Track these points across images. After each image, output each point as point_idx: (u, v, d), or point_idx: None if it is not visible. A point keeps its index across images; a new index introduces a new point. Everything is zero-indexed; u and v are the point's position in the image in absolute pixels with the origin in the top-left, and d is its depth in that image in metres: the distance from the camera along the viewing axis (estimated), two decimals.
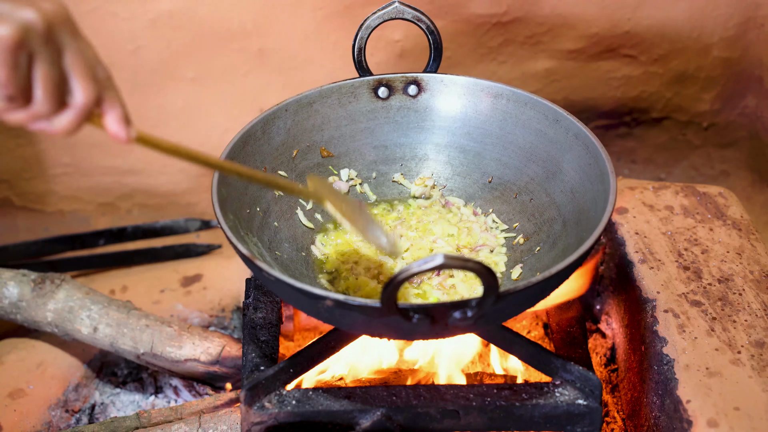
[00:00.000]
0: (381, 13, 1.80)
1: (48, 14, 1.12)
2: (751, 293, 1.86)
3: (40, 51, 1.11)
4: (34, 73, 1.12)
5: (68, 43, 1.14)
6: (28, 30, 1.10)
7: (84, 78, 1.15)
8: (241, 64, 2.42)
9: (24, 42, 1.10)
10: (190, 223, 2.51)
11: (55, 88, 1.13)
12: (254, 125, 1.75)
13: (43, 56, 1.12)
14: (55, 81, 1.13)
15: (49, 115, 1.15)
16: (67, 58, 1.14)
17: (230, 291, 2.29)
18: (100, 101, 1.18)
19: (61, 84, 1.14)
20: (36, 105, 1.13)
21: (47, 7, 1.12)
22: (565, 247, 1.67)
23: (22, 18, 1.09)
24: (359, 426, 1.57)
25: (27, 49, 1.10)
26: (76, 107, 1.16)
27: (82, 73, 1.15)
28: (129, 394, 2.13)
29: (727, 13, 2.52)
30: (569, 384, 1.61)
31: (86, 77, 1.15)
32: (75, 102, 1.15)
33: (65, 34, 1.14)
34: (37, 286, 2.02)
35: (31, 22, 1.10)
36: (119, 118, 1.19)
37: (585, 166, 1.69)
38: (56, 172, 2.51)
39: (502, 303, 1.40)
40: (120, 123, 1.19)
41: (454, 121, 1.88)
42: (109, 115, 1.19)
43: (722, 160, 2.77)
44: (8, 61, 1.09)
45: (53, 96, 1.14)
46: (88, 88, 1.15)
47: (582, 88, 2.62)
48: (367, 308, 1.40)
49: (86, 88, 1.15)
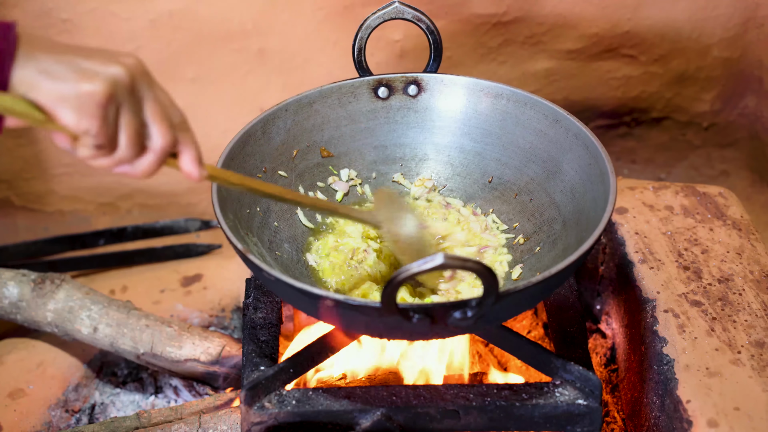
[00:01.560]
0: (381, 13, 1.80)
1: (131, 68, 1.22)
2: (751, 293, 1.86)
3: (125, 103, 1.22)
4: (120, 123, 1.22)
5: (147, 94, 1.25)
6: (116, 85, 1.20)
7: (161, 125, 1.26)
8: (241, 64, 2.42)
9: (113, 96, 1.20)
10: (190, 223, 2.51)
11: (137, 136, 1.24)
12: (254, 125, 1.75)
13: (128, 107, 1.22)
14: (138, 130, 1.24)
15: (131, 160, 1.25)
16: (146, 107, 1.25)
17: (230, 291, 2.29)
18: (175, 144, 1.29)
19: (142, 132, 1.25)
20: (120, 152, 1.24)
21: (129, 62, 1.23)
22: (565, 247, 1.67)
23: (111, 74, 1.20)
24: (359, 426, 1.57)
25: (115, 103, 1.20)
26: (155, 151, 1.27)
27: (160, 120, 1.26)
28: (129, 394, 2.13)
29: (727, 13, 2.52)
30: (569, 384, 1.61)
31: (163, 124, 1.26)
32: (154, 146, 1.26)
33: (144, 85, 1.24)
34: (37, 286, 2.02)
35: (118, 77, 1.20)
36: (193, 159, 1.32)
37: (585, 166, 1.69)
38: (56, 172, 2.51)
39: (502, 303, 1.40)
40: (193, 163, 1.32)
41: (454, 121, 1.88)
42: (184, 156, 1.31)
43: (722, 160, 2.77)
44: (100, 115, 1.19)
45: (136, 143, 1.24)
46: (166, 134, 1.26)
47: (582, 88, 2.62)
48: (367, 308, 1.40)
49: (164, 134, 1.26)
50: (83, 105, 1.18)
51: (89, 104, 1.18)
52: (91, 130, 1.19)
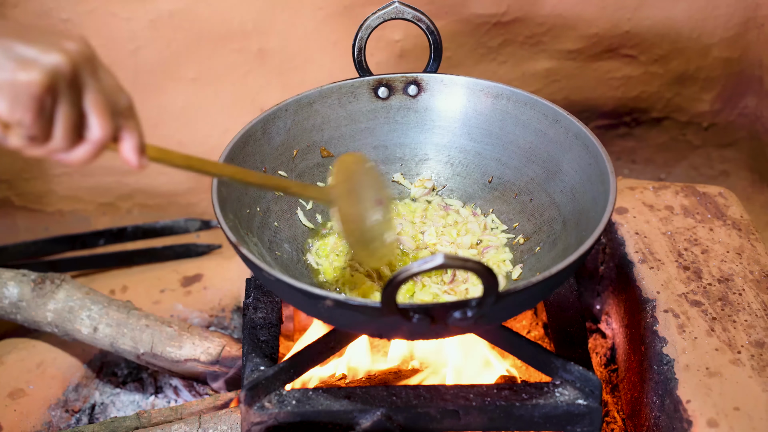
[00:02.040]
0: (381, 13, 1.80)
1: (74, 56, 1.15)
2: (751, 293, 1.86)
3: (63, 94, 1.15)
4: (56, 114, 1.15)
5: (89, 83, 1.17)
6: (55, 75, 1.13)
7: (101, 116, 1.19)
8: (241, 64, 2.42)
9: (51, 87, 1.13)
10: (190, 223, 2.51)
11: (73, 128, 1.17)
12: (254, 125, 1.75)
13: (66, 99, 1.15)
14: (74, 122, 1.17)
15: (66, 150, 1.19)
16: (87, 97, 1.18)
17: (230, 291, 2.29)
18: (117, 132, 1.22)
19: (79, 123, 1.18)
20: (54, 143, 1.17)
21: (72, 49, 1.15)
22: (565, 247, 1.67)
23: (50, 63, 1.13)
24: (359, 426, 1.57)
25: (52, 93, 1.13)
26: (92, 142, 1.20)
27: (100, 111, 1.19)
28: (129, 394, 2.13)
29: (727, 13, 2.52)
30: (569, 384, 1.61)
31: (104, 115, 1.19)
32: (91, 137, 1.19)
33: (87, 74, 1.17)
34: (37, 286, 2.02)
35: (58, 66, 1.13)
36: (133, 147, 1.24)
37: (585, 166, 1.69)
38: (56, 172, 2.51)
39: (502, 303, 1.40)
40: (133, 151, 1.24)
41: (454, 121, 1.88)
42: (125, 143, 1.23)
43: (722, 160, 2.77)
44: (35, 107, 1.13)
45: (71, 136, 1.18)
46: (105, 126, 1.19)
47: (582, 88, 2.62)
48: (367, 308, 1.40)
49: (103, 125, 1.19)
50: (18, 95, 1.11)
51: (24, 95, 1.11)
52: (24, 122, 1.13)
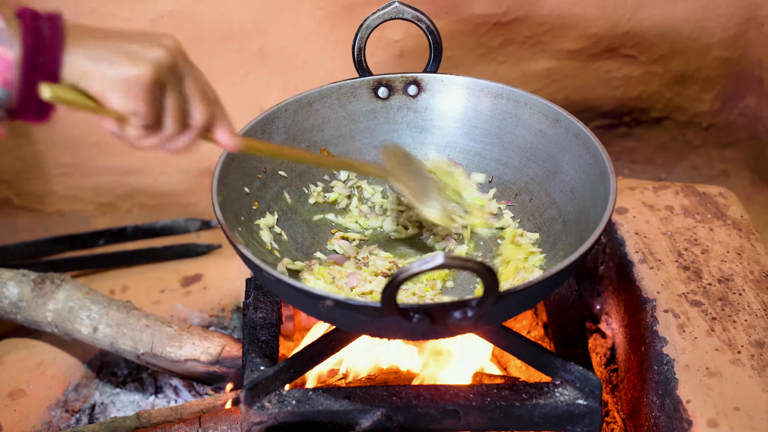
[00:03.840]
0: (381, 13, 1.80)
1: (172, 50, 1.27)
2: (751, 293, 1.86)
3: (169, 83, 1.27)
4: (165, 103, 1.27)
5: (187, 73, 1.30)
6: (160, 67, 1.25)
7: (201, 102, 1.31)
8: (241, 64, 2.42)
9: (158, 79, 1.24)
10: (190, 223, 2.51)
11: (181, 114, 1.30)
12: (254, 125, 1.75)
13: (172, 87, 1.27)
14: (182, 108, 1.29)
15: (175, 137, 1.31)
16: (188, 86, 1.30)
17: (230, 291, 2.29)
18: (213, 119, 1.34)
19: (185, 110, 1.30)
20: (166, 130, 1.29)
21: (170, 44, 1.27)
22: (565, 247, 1.67)
23: (155, 57, 1.24)
24: (359, 426, 1.57)
25: (160, 84, 1.25)
26: (195, 128, 1.32)
27: (199, 97, 1.31)
28: (129, 394, 2.13)
29: (727, 13, 2.52)
30: (569, 384, 1.61)
31: (203, 101, 1.32)
32: (194, 123, 1.32)
33: (185, 65, 1.29)
34: (37, 286, 2.02)
35: (162, 59, 1.25)
36: (228, 132, 1.37)
37: (585, 166, 1.70)
38: (56, 172, 2.51)
39: (502, 303, 1.40)
40: (230, 136, 1.37)
41: (454, 121, 1.88)
42: (219, 130, 1.36)
43: (722, 160, 2.77)
44: (147, 97, 1.24)
45: (180, 121, 1.30)
46: (205, 111, 1.32)
47: (582, 88, 2.62)
48: (367, 308, 1.41)
49: (203, 111, 1.32)
50: (131, 89, 1.22)
51: (137, 88, 1.22)
52: (139, 112, 1.24)
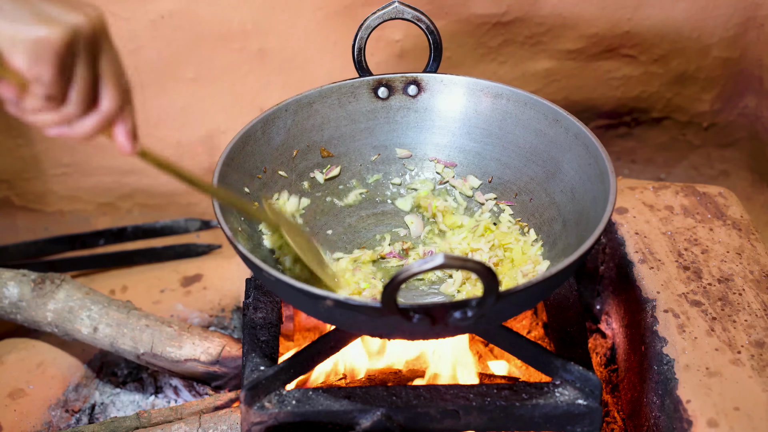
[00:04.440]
0: (381, 13, 1.80)
1: (93, 21, 1.16)
2: (751, 293, 1.86)
3: (82, 54, 1.15)
4: (74, 75, 1.16)
5: (106, 50, 1.19)
6: (76, 34, 1.14)
7: (114, 86, 1.19)
8: (241, 64, 2.42)
9: (71, 45, 1.13)
10: (190, 223, 2.51)
11: (89, 91, 1.17)
12: (254, 125, 1.75)
13: (84, 60, 1.16)
14: (90, 85, 1.17)
15: (77, 117, 1.18)
16: (102, 64, 1.18)
17: (230, 291, 2.29)
18: (120, 111, 1.21)
19: (94, 88, 1.18)
20: (69, 107, 1.17)
21: (92, 13, 1.16)
22: (565, 247, 1.67)
23: (72, 22, 1.14)
24: (359, 426, 1.58)
25: (72, 52, 1.14)
26: (102, 113, 1.19)
27: (113, 81, 1.19)
28: (129, 394, 2.13)
29: (727, 13, 2.52)
30: (569, 384, 1.61)
31: (116, 86, 1.19)
32: (102, 108, 1.19)
33: (104, 41, 1.18)
34: (37, 286, 2.02)
35: (79, 26, 1.14)
36: (128, 132, 1.23)
37: (585, 166, 1.70)
38: (56, 172, 2.51)
39: (502, 303, 1.40)
40: (128, 136, 1.23)
41: (454, 121, 1.88)
42: (120, 127, 1.23)
43: (722, 160, 2.77)
44: (56, 62, 1.13)
45: (86, 99, 1.17)
46: (116, 97, 1.19)
47: (582, 88, 2.62)
48: (368, 308, 1.41)
49: (114, 96, 1.19)
50: (39, 50, 1.11)
51: (45, 50, 1.12)
52: (43, 77, 1.13)
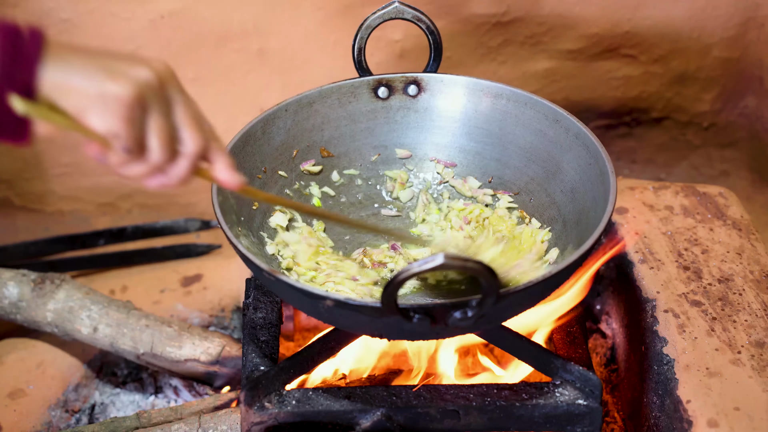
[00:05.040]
0: (381, 13, 1.80)
1: (160, 72, 1.21)
2: (751, 293, 1.86)
3: (153, 105, 1.20)
4: (148, 126, 1.20)
5: (177, 98, 1.23)
6: (143, 87, 1.18)
7: (193, 128, 1.24)
8: (241, 64, 2.42)
9: (140, 98, 1.18)
10: (190, 223, 2.51)
11: (168, 138, 1.21)
12: (254, 125, 1.75)
13: (157, 109, 1.20)
14: (168, 132, 1.21)
15: (164, 164, 1.23)
16: (177, 112, 1.23)
17: (230, 291, 2.29)
18: (207, 150, 1.27)
19: (173, 135, 1.23)
20: (151, 155, 1.21)
21: (158, 66, 1.21)
22: (565, 247, 1.67)
23: (138, 75, 1.18)
24: (359, 426, 1.58)
25: (142, 104, 1.18)
26: (189, 155, 1.24)
27: (191, 123, 1.24)
28: (129, 394, 2.13)
29: (727, 13, 2.52)
30: (569, 384, 1.61)
31: (194, 128, 1.24)
32: (187, 150, 1.24)
33: (174, 90, 1.23)
34: (37, 286, 2.02)
35: (146, 79, 1.18)
36: (227, 167, 1.29)
37: (585, 166, 1.70)
38: (56, 172, 2.51)
39: (502, 303, 1.40)
40: (228, 171, 1.29)
41: (454, 121, 1.88)
42: (217, 164, 1.29)
43: (722, 160, 2.77)
44: (126, 116, 1.17)
45: (167, 147, 1.22)
46: (198, 138, 1.24)
47: (582, 88, 2.62)
48: (368, 308, 1.41)
49: (195, 137, 1.24)
50: (109, 106, 1.16)
51: (115, 105, 1.16)
52: (118, 132, 1.17)
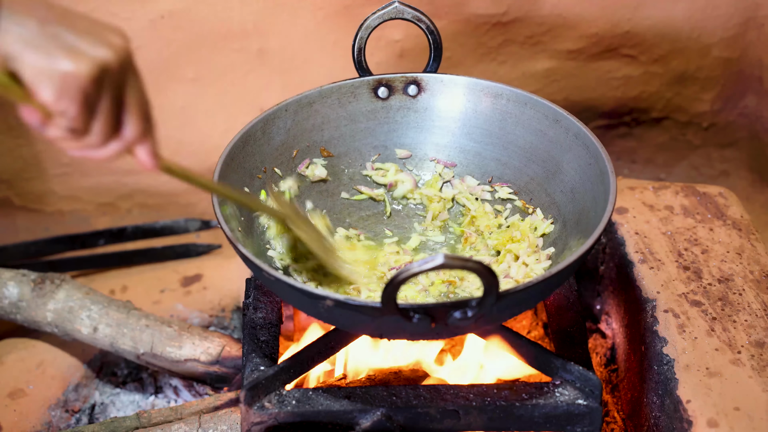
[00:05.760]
0: (381, 13, 1.80)
1: (119, 52, 1.16)
2: (751, 293, 1.86)
3: (108, 89, 1.16)
4: (98, 109, 1.16)
5: (131, 82, 1.19)
6: (101, 69, 1.14)
7: (138, 116, 1.20)
8: (241, 64, 2.42)
9: (98, 81, 1.14)
10: (190, 223, 2.51)
11: (113, 123, 1.18)
12: (254, 125, 1.75)
13: (110, 94, 1.16)
14: (114, 116, 1.18)
15: (99, 145, 1.19)
16: (129, 95, 1.19)
17: (230, 291, 2.29)
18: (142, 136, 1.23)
19: (118, 119, 1.19)
20: (91, 137, 1.18)
21: (119, 44, 1.16)
22: (565, 247, 1.67)
23: (99, 57, 1.13)
24: (359, 426, 1.58)
25: (97, 87, 1.14)
26: (125, 140, 1.21)
27: (137, 110, 1.20)
28: (129, 394, 2.13)
29: (727, 13, 2.52)
30: (569, 384, 1.61)
31: (140, 115, 1.20)
32: (124, 135, 1.21)
33: (128, 70, 1.19)
34: (37, 286, 2.02)
35: (106, 60, 1.14)
36: (150, 152, 1.25)
37: (585, 166, 1.70)
38: (56, 172, 2.51)
39: (502, 303, 1.40)
40: (150, 155, 1.25)
41: (454, 121, 1.88)
42: (141, 148, 1.24)
43: (722, 160, 2.77)
44: (81, 98, 1.13)
45: (109, 130, 1.18)
46: (139, 126, 1.21)
47: (582, 88, 2.62)
48: (367, 308, 1.41)
49: (137, 125, 1.20)
50: (65, 86, 1.11)
51: (72, 86, 1.11)
52: (68, 113, 1.13)
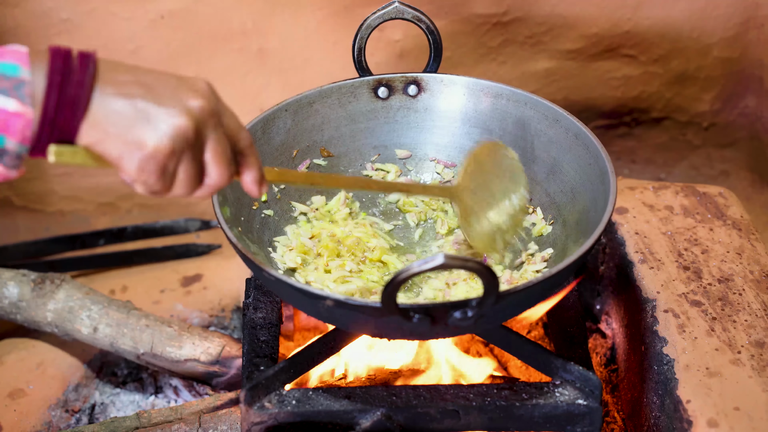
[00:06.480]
0: (381, 13, 1.80)
1: (198, 117, 1.17)
2: (751, 293, 1.86)
3: (187, 153, 1.17)
4: (177, 172, 1.18)
5: (211, 137, 1.20)
6: (181, 140, 1.15)
7: (220, 165, 1.22)
8: (241, 64, 2.42)
9: (176, 152, 1.15)
10: (190, 223, 2.51)
11: (194, 181, 1.21)
12: (254, 125, 1.75)
13: (188, 158, 1.18)
14: (195, 175, 1.20)
15: (184, 196, 1.23)
16: (208, 150, 1.20)
17: (230, 291, 2.29)
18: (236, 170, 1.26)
19: (199, 175, 1.21)
20: (174, 191, 1.21)
21: (197, 107, 1.17)
22: (565, 247, 1.67)
23: (177, 127, 1.15)
24: (359, 426, 1.58)
25: (177, 156, 1.16)
26: (209, 187, 1.23)
27: (219, 161, 1.21)
28: (129, 394, 2.13)
29: (727, 13, 2.52)
30: (569, 384, 1.61)
31: (222, 164, 1.22)
32: (208, 183, 1.23)
33: (210, 128, 1.19)
34: (37, 286, 2.02)
35: (184, 130, 1.15)
36: (254, 180, 1.29)
37: (585, 166, 1.70)
38: (56, 172, 2.51)
39: (502, 303, 1.40)
40: (254, 184, 1.29)
41: (454, 121, 1.88)
42: (246, 176, 1.28)
43: (722, 160, 2.77)
44: (159, 171, 1.16)
45: (191, 186, 1.21)
46: (223, 174, 1.22)
47: (582, 88, 2.62)
48: (368, 308, 1.41)
49: (220, 173, 1.22)
50: (145, 161, 1.14)
51: (151, 161, 1.14)
52: (148, 182, 1.16)
